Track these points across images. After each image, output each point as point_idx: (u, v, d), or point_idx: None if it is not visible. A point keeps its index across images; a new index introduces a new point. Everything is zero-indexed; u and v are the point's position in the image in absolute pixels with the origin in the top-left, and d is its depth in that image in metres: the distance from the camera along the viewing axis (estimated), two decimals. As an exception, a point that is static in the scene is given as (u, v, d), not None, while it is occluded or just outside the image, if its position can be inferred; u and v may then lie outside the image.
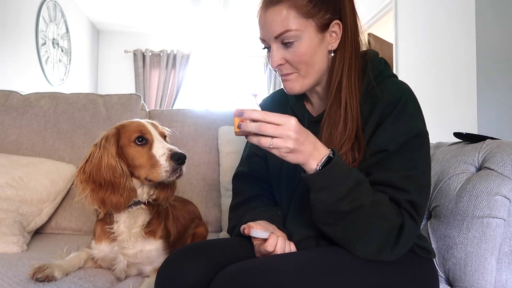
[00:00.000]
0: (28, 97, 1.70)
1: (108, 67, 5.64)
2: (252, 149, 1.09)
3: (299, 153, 0.73)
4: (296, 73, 0.89)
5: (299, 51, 0.85)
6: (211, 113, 1.77)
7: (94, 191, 0.97)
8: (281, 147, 0.72)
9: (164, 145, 1.00)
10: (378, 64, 0.92)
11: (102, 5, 4.79)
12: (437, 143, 1.25)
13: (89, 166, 0.99)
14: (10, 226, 1.25)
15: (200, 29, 5.53)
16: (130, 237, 1.02)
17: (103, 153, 0.98)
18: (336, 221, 0.77)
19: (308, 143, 0.74)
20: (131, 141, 1.01)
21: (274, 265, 0.75)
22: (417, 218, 0.81)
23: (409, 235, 0.79)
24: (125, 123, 1.06)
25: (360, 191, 0.76)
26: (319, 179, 0.75)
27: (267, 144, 0.72)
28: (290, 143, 0.71)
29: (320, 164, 0.74)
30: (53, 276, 0.95)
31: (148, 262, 1.05)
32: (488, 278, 0.90)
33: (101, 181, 0.97)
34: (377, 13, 3.66)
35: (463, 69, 2.40)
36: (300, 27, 0.84)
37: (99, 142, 1.01)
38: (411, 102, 0.85)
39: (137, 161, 1.00)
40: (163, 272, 0.79)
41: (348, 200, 0.74)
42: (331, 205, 0.75)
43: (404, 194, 0.79)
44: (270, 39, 0.87)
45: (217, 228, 1.62)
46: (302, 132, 0.73)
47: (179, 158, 0.97)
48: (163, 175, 0.97)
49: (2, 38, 3.27)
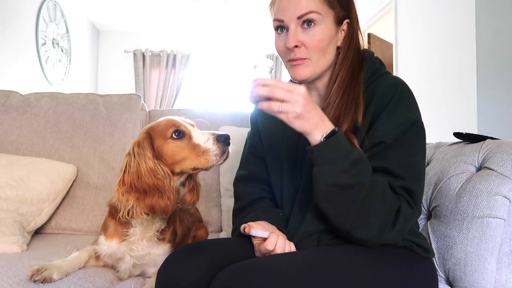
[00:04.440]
0: (28, 97, 1.70)
1: (108, 67, 5.64)
2: (251, 151, 1.10)
3: (306, 121, 0.76)
4: (308, 59, 0.91)
5: (318, 35, 0.89)
6: (211, 113, 1.77)
7: (139, 199, 0.93)
8: (290, 111, 0.75)
9: (203, 132, 0.98)
10: (374, 63, 0.96)
11: (102, 5, 4.79)
12: (437, 143, 1.25)
13: (128, 176, 0.95)
14: (10, 226, 1.25)
15: (200, 28, 5.53)
16: (142, 240, 1.02)
17: (139, 159, 0.95)
18: (337, 197, 0.79)
19: (315, 113, 0.77)
20: (168, 137, 0.98)
21: (274, 265, 0.75)
22: (413, 204, 0.82)
23: (406, 219, 0.81)
24: (153, 124, 1.03)
25: (362, 168, 0.79)
26: (324, 150, 0.77)
27: (276, 108, 0.75)
28: (298, 107, 0.74)
29: (325, 135, 0.77)
30: (51, 278, 0.94)
31: (154, 264, 1.05)
32: (488, 278, 0.90)
33: (145, 188, 0.93)
34: (377, 13, 3.66)
35: (463, 69, 2.40)
36: (323, 12, 0.88)
37: (132, 150, 0.98)
38: (406, 94, 0.88)
39: (179, 155, 0.97)
40: (163, 271, 0.79)
41: (350, 174, 0.77)
42: (333, 178, 0.77)
43: (399, 181, 0.82)
44: (291, 19, 0.89)
45: (217, 228, 1.62)
46: (310, 101, 0.77)
47: (225, 139, 0.97)
48: (213, 159, 0.95)
49: (2, 38, 3.27)
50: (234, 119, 1.74)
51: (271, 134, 1.05)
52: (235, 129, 1.66)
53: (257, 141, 1.09)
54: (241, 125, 1.70)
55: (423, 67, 2.89)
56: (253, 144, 1.09)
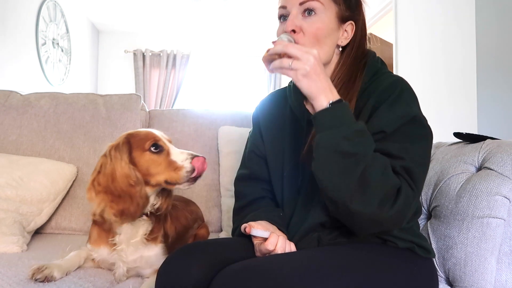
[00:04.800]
0: (28, 97, 1.70)
1: (108, 67, 5.64)
2: (253, 150, 1.10)
3: (313, 82, 0.77)
4: (303, 45, 0.90)
5: (317, 23, 0.89)
6: (211, 113, 1.77)
7: (113, 202, 0.94)
8: (299, 68, 0.76)
9: (182, 151, 1.01)
10: (375, 63, 0.96)
11: (102, 5, 4.79)
12: (437, 143, 1.25)
13: (103, 177, 0.96)
14: (10, 226, 1.25)
15: (200, 28, 5.53)
16: (130, 246, 1.02)
17: (115, 162, 0.96)
18: (336, 165, 0.76)
19: (324, 79, 0.79)
20: (146, 149, 0.99)
21: (275, 265, 0.75)
22: (414, 186, 0.80)
23: (406, 199, 0.78)
24: (134, 132, 1.03)
25: (364, 139, 0.78)
26: (328, 115, 0.78)
27: (287, 64, 0.77)
28: (308, 65, 0.76)
29: (331, 102, 0.78)
30: (52, 276, 0.94)
31: (148, 266, 1.05)
32: (488, 278, 0.90)
33: (119, 192, 0.95)
34: (377, 13, 3.66)
35: (463, 69, 2.41)
36: (325, 3, 0.90)
37: (108, 152, 0.99)
38: (407, 90, 0.88)
39: (154, 169, 0.98)
40: (163, 271, 0.79)
41: (352, 142, 0.76)
42: (335, 144, 0.76)
43: (399, 161, 0.80)
44: (294, 5, 0.90)
45: (217, 228, 1.62)
46: (321, 65, 0.79)
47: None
48: (184, 175, 0.97)
49: (2, 38, 3.27)
50: (234, 119, 1.74)
51: (272, 134, 1.05)
52: (235, 129, 1.67)
53: (258, 140, 1.09)
54: (241, 125, 1.70)
55: (423, 67, 2.89)
56: (254, 143, 1.09)
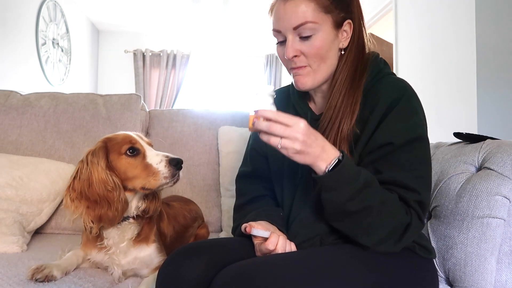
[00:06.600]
0: (28, 97, 1.70)
1: (108, 67, 5.64)
2: (254, 148, 1.10)
3: (306, 155, 0.76)
4: (308, 67, 0.90)
5: (316, 44, 0.87)
6: (211, 113, 1.77)
7: (89, 208, 0.94)
8: (289, 148, 0.75)
9: (157, 153, 0.99)
10: (378, 63, 0.95)
11: (102, 5, 4.79)
12: (437, 143, 1.25)
13: (79, 183, 0.95)
14: (10, 226, 1.25)
15: (200, 28, 5.53)
16: (120, 249, 1.02)
17: (92, 168, 0.95)
18: (345, 219, 0.81)
19: (316, 146, 0.76)
20: (122, 153, 0.98)
21: (275, 264, 0.75)
22: (423, 218, 0.84)
23: (413, 232, 0.82)
24: (111, 136, 1.03)
25: (369, 192, 0.78)
26: (328, 180, 0.77)
27: (276, 144, 0.75)
28: (297, 144, 0.74)
29: (329, 167, 0.77)
30: (52, 276, 0.94)
31: (144, 266, 1.05)
32: (488, 278, 0.90)
33: (95, 198, 0.94)
34: (377, 13, 3.66)
35: (463, 69, 2.40)
36: (319, 20, 0.87)
37: (85, 157, 0.98)
38: (413, 98, 0.88)
39: (131, 173, 0.98)
40: (164, 271, 0.80)
41: (357, 201, 0.77)
42: (340, 205, 0.78)
43: (414, 195, 0.82)
44: (288, 30, 0.88)
45: (217, 228, 1.62)
46: (310, 135, 0.76)
47: (177, 163, 0.97)
48: (162, 181, 0.96)
49: (2, 37, 3.27)
50: (234, 119, 1.74)
51: None
52: (235, 129, 1.66)
53: (260, 138, 1.09)
54: (241, 125, 1.69)
55: (423, 67, 2.89)
56: (256, 141, 1.10)
